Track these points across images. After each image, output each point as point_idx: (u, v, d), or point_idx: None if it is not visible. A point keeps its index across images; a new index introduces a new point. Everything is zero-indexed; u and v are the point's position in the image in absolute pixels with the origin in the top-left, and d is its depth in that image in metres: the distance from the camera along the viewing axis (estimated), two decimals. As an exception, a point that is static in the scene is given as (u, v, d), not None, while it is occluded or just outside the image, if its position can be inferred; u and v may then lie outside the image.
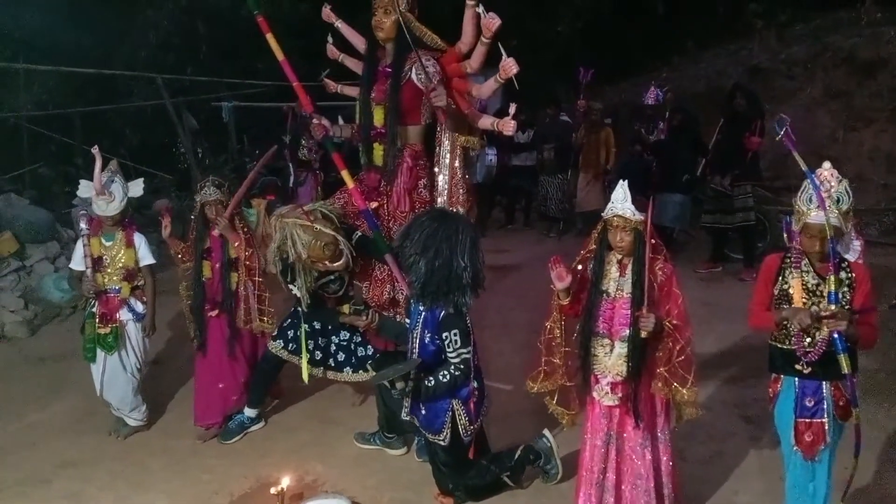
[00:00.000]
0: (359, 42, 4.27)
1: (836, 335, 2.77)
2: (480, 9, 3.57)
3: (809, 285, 2.90)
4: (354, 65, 4.30)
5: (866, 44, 10.45)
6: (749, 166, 7.19)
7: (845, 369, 2.79)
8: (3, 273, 6.73)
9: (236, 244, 4.29)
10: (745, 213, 7.27)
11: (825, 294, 2.83)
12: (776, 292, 2.99)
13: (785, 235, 3.11)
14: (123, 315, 4.27)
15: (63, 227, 7.66)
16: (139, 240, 4.30)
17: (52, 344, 6.07)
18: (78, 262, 4.26)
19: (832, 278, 2.78)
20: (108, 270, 4.23)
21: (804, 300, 2.89)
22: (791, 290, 2.92)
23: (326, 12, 4.32)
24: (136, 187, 4.34)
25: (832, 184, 2.80)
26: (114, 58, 11.88)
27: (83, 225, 4.19)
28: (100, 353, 4.24)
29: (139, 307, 4.32)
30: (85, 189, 4.20)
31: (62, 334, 6.20)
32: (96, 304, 4.21)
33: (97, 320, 4.21)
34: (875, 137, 9.70)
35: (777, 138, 2.98)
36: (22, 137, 10.25)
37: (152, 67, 11.32)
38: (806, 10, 12.42)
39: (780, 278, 2.98)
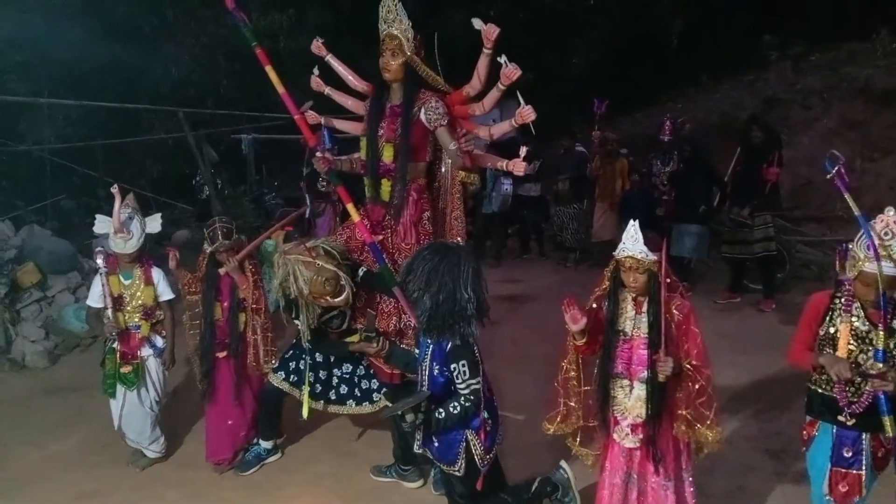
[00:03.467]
0: (352, 78, 4.31)
1: (881, 395, 2.68)
2: (503, 59, 3.63)
3: (859, 332, 2.80)
4: (341, 97, 4.34)
5: (882, 74, 10.46)
6: (768, 196, 7.17)
7: (889, 432, 2.69)
8: (24, 303, 6.81)
9: (244, 286, 4.30)
10: (766, 243, 7.24)
11: (875, 341, 2.72)
12: (821, 333, 2.90)
13: (836, 264, 2.96)
14: (144, 352, 4.28)
15: (84, 258, 7.76)
16: (157, 275, 4.31)
17: (71, 374, 6.10)
18: (95, 300, 4.26)
19: (881, 334, 2.68)
20: (128, 309, 4.23)
21: (851, 347, 2.79)
22: (837, 335, 2.82)
23: (317, 45, 4.33)
24: (154, 223, 4.34)
25: (894, 232, 2.66)
26: (136, 92, 12.10)
27: (100, 262, 4.16)
28: (119, 389, 4.25)
29: (159, 342, 4.34)
30: (101, 225, 4.18)
31: (82, 365, 6.23)
32: (117, 341, 4.21)
33: (118, 358, 4.21)
34: (893, 167, 9.65)
35: (828, 177, 2.84)
36: (45, 169, 10.44)
37: (174, 101, 11.53)
38: (821, 42, 12.46)
39: (828, 319, 2.88)
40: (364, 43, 4.51)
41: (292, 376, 4.22)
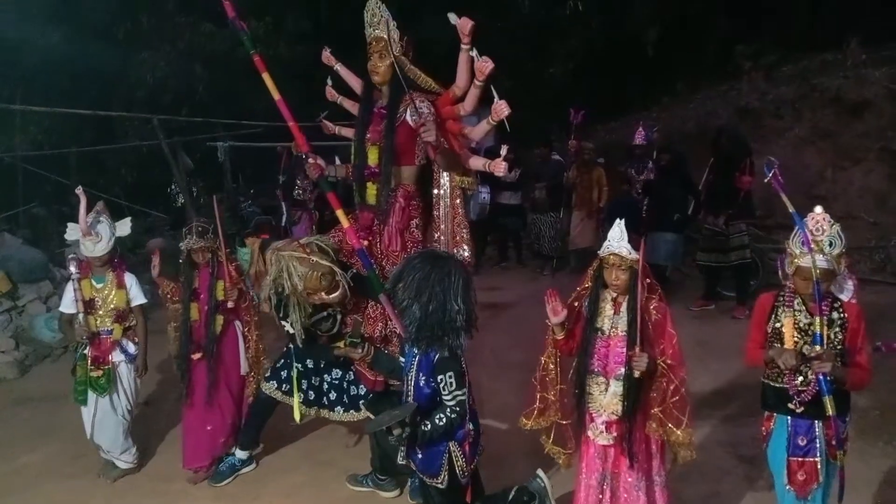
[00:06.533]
0: (357, 85, 4.35)
1: (821, 376, 2.82)
2: (474, 52, 3.64)
3: (801, 324, 2.95)
4: (352, 106, 4.39)
5: (852, 85, 10.63)
6: (742, 205, 7.25)
7: (829, 411, 2.83)
8: (-6, 313, 6.70)
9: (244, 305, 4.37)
10: (741, 251, 7.32)
11: (814, 329, 2.88)
12: (769, 330, 3.04)
13: (780, 273, 3.14)
14: (116, 356, 4.24)
15: (56, 267, 7.65)
16: (130, 280, 4.29)
17: (42, 385, 6.01)
18: (68, 305, 4.22)
19: (819, 320, 2.84)
20: (100, 312, 4.20)
21: (795, 339, 2.94)
22: (783, 329, 2.97)
23: (326, 55, 4.44)
24: (124, 227, 4.29)
25: (824, 227, 2.86)
26: (111, 98, 11.99)
27: (73, 269, 4.15)
28: (91, 396, 4.20)
29: (131, 348, 4.30)
30: (72, 232, 4.15)
31: (53, 375, 6.14)
32: (88, 346, 4.18)
33: (89, 363, 4.17)
34: (864, 176, 9.81)
35: (765, 180, 3.04)
36: (17, 177, 10.30)
37: (149, 108, 11.44)
38: (793, 52, 12.65)
39: (773, 317, 3.04)
40: (342, 50, 4.51)
41: (284, 385, 4.18)
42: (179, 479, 4.35)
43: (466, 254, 3.99)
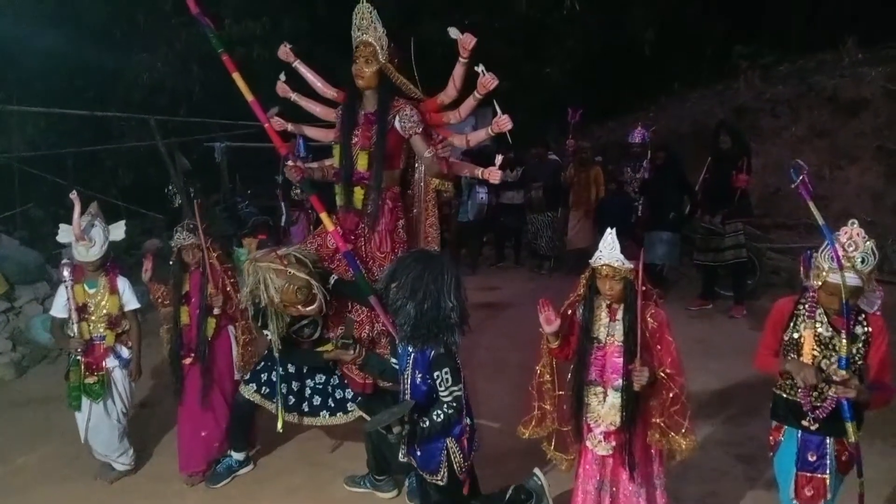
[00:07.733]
0: (321, 86, 4.28)
1: (844, 402, 2.72)
2: (480, 67, 3.64)
3: (822, 337, 2.84)
4: (308, 104, 4.30)
5: (849, 84, 10.65)
6: (739, 204, 7.25)
7: (852, 438, 2.74)
8: (-9, 314, 6.69)
9: (231, 311, 4.33)
10: (737, 250, 7.33)
11: (838, 348, 2.76)
12: (786, 339, 2.94)
13: (801, 272, 2.99)
14: (109, 362, 4.21)
15: (53, 268, 7.63)
16: (123, 284, 4.24)
17: (39, 386, 6.01)
18: (59, 310, 4.18)
19: (845, 342, 2.71)
20: (93, 318, 4.15)
21: (815, 353, 2.83)
22: (801, 340, 2.87)
23: (284, 51, 4.30)
24: (118, 230, 4.24)
25: (858, 243, 2.71)
26: (108, 99, 11.96)
27: (66, 273, 4.08)
28: (85, 401, 4.17)
29: (125, 353, 4.27)
30: (64, 234, 4.09)
31: (50, 376, 6.12)
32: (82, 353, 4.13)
33: (83, 370, 4.13)
34: (860, 175, 9.83)
35: (793, 186, 2.87)
36: (14, 178, 10.27)
37: (145, 108, 11.41)
38: (790, 52, 12.68)
39: (792, 325, 2.92)
40: (340, 51, 4.49)
41: (264, 388, 4.17)
42: (177, 481, 4.34)
43: None
